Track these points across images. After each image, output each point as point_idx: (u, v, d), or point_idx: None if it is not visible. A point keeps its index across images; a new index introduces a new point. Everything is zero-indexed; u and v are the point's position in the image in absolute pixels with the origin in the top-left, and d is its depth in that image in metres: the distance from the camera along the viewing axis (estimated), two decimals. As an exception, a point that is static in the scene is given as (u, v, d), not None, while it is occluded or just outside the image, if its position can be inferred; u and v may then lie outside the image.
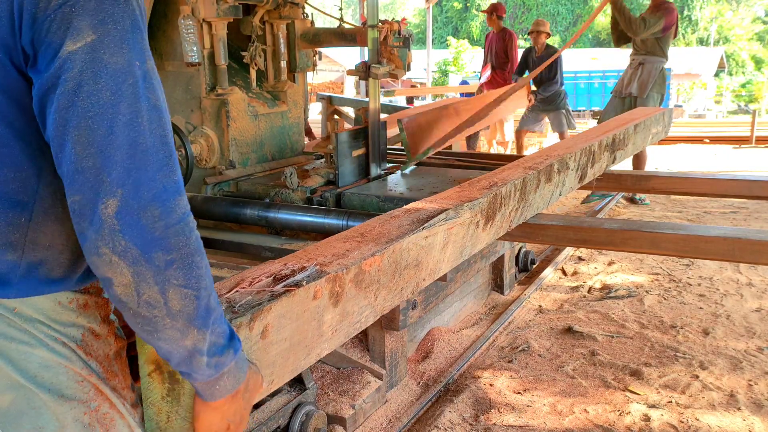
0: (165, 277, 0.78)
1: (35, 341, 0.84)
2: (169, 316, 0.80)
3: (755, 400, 2.42)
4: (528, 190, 2.22)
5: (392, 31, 2.95)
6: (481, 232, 1.91)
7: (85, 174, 0.75)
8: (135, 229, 0.76)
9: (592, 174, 2.89)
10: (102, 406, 0.88)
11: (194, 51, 2.82)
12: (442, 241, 1.66)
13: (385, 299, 1.42)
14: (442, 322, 3.10)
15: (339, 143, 2.84)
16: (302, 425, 2.10)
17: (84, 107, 0.74)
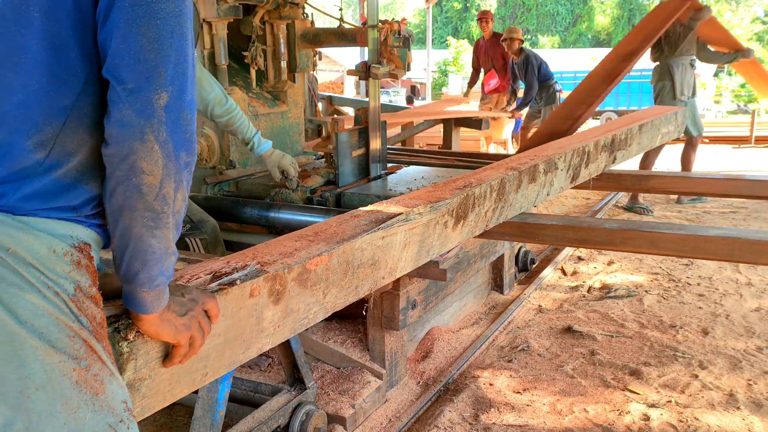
0: (181, 176, 0.89)
1: (27, 285, 0.82)
2: (172, 213, 0.89)
3: (754, 399, 2.43)
4: (507, 190, 2.22)
5: (392, 31, 2.96)
6: (451, 232, 1.91)
7: (146, 64, 0.84)
8: (175, 126, 0.87)
9: (587, 174, 2.89)
10: (93, 366, 0.85)
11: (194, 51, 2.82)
12: (403, 241, 1.67)
13: (337, 297, 1.44)
14: (441, 321, 3.10)
15: (339, 143, 2.84)
16: (302, 425, 2.10)
17: (154, 9, 0.84)
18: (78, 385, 0.82)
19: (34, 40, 0.83)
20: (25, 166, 0.85)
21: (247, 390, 2.27)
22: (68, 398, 0.81)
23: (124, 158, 0.85)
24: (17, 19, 0.83)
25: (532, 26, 35.54)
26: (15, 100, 0.84)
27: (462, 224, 1.98)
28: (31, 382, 0.79)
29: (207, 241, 2.42)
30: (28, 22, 0.83)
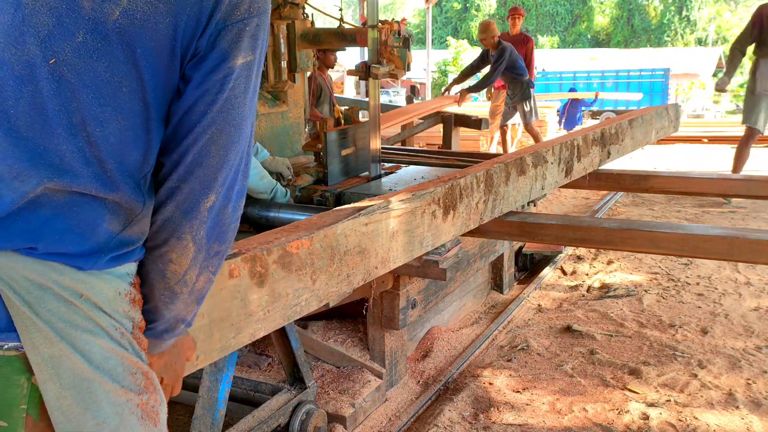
0: (208, 263, 0.90)
1: (98, 329, 0.84)
2: (190, 293, 0.90)
3: (753, 398, 2.43)
4: (496, 182, 2.22)
5: (392, 32, 2.96)
6: (442, 223, 1.92)
7: (206, 169, 0.84)
8: (214, 222, 0.88)
9: (582, 168, 2.90)
10: (151, 398, 0.89)
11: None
12: (389, 230, 1.67)
13: (328, 285, 1.43)
14: (441, 321, 3.11)
15: (328, 142, 2.85)
16: (302, 424, 2.11)
17: (232, 116, 0.84)
18: (143, 419, 0.87)
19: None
20: (101, 242, 0.84)
21: (247, 389, 2.28)
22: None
23: (158, 247, 0.87)
24: None
25: (532, 26, 35.56)
26: None
27: (453, 215, 1.98)
28: (106, 426, 0.83)
29: None
30: None
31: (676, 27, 34.57)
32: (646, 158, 8.61)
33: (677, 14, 34.68)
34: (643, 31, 35.38)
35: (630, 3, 35.77)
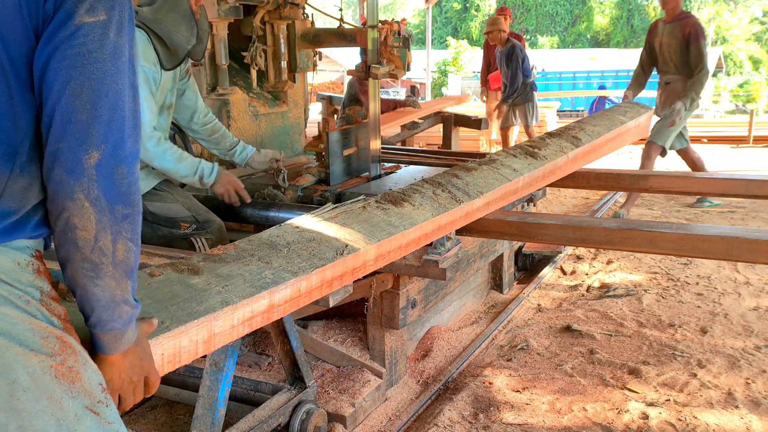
0: (119, 228, 0.93)
1: (1, 299, 0.89)
2: (112, 264, 0.93)
3: (753, 398, 2.44)
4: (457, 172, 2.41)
5: (392, 32, 2.97)
6: (395, 208, 2.02)
7: (76, 125, 0.88)
8: (108, 182, 0.91)
9: (547, 155, 2.93)
10: (68, 359, 0.92)
11: (195, 51, 2.83)
12: (338, 224, 1.83)
13: (291, 262, 1.56)
14: (441, 320, 3.11)
15: (330, 142, 2.86)
16: (302, 423, 2.11)
17: (89, 70, 0.89)
18: (58, 378, 0.90)
19: None
20: None
21: (247, 389, 2.28)
22: (51, 392, 0.89)
23: (59, 215, 0.90)
24: None
25: (531, 26, 35.56)
26: None
27: (410, 204, 2.08)
28: (18, 385, 0.86)
29: (213, 241, 2.44)
30: None
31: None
32: (645, 158, 8.61)
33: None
34: (643, 31, 35.25)
35: (629, 3, 35.77)
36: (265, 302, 1.42)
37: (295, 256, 1.59)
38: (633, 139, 4.07)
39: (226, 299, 1.35)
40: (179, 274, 1.39)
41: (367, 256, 1.76)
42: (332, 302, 1.86)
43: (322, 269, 1.58)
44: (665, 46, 4.77)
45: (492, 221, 2.43)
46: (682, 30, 4.54)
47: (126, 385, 1.03)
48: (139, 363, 1.04)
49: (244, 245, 1.62)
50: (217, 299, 1.34)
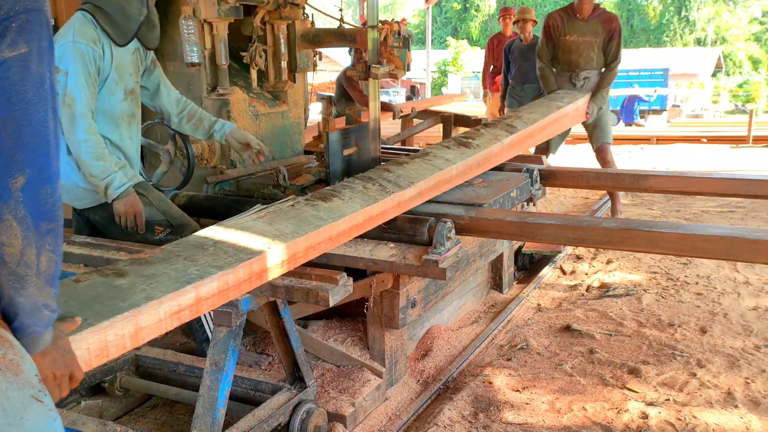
0: (43, 242, 1.00)
1: None
2: (36, 275, 1.00)
3: (752, 398, 2.44)
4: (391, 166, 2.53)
5: (392, 32, 2.97)
6: (325, 203, 2.10)
7: (2, 153, 0.95)
8: (33, 202, 0.98)
9: (480, 143, 2.98)
10: (7, 353, 0.98)
11: (194, 51, 2.84)
12: (266, 223, 1.91)
13: (219, 258, 1.63)
14: (441, 320, 3.11)
15: (330, 142, 2.86)
16: (303, 423, 2.11)
17: (13, 102, 0.95)
18: (1, 371, 0.96)
19: None
20: None
21: (247, 388, 2.28)
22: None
23: None
24: None
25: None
26: None
27: (339, 199, 2.14)
28: None
29: None
30: None
31: (675, 27, 34.59)
32: (645, 158, 8.62)
33: (676, 14, 34.71)
34: (642, 32, 35.39)
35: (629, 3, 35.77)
36: (191, 296, 1.48)
37: (221, 253, 1.65)
38: (573, 122, 4.13)
39: (151, 295, 1.41)
40: (104, 278, 1.46)
41: (297, 248, 1.82)
42: (332, 302, 1.87)
43: (248, 263, 1.63)
44: (584, 43, 4.66)
45: (492, 221, 2.43)
46: (605, 26, 4.50)
47: (50, 381, 1.08)
48: (61, 359, 1.09)
49: (170, 248, 1.69)
50: (141, 296, 1.40)
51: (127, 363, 2.48)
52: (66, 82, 2.22)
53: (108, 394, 2.43)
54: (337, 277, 1.90)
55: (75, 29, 2.25)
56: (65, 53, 2.23)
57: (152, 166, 3.10)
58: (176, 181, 2.89)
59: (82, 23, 2.27)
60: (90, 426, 2.00)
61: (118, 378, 2.43)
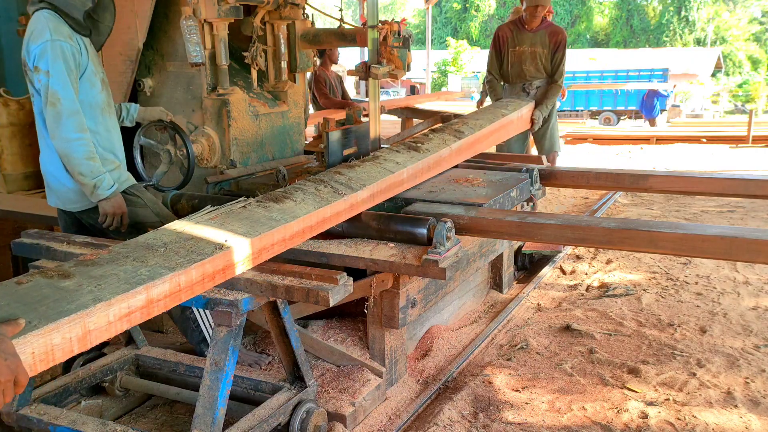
0: None
1: None
2: None
3: (752, 397, 2.44)
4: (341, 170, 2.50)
5: (392, 32, 2.97)
6: (277, 205, 2.07)
7: None
8: None
9: (430, 148, 2.97)
10: None
11: (198, 51, 2.84)
12: (218, 224, 1.88)
13: (169, 260, 1.61)
14: (441, 320, 3.12)
15: (329, 142, 2.86)
16: (303, 423, 2.12)
17: None
18: None
19: None
20: None
21: (247, 388, 2.28)
22: None
23: None
24: None
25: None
26: None
27: (292, 200, 2.12)
28: None
29: None
30: None
31: (675, 27, 34.60)
32: (644, 158, 8.63)
33: (676, 14, 34.72)
34: (642, 32, 35.40)
35: (629, 3, 35.79)
36: (142, 297, 1.45)
37: (172, 254, 1.63)
38: (518, 129, 4.22)
39: (99, 297, 1.38)
40: (49, 280, 1.43)
41: (251, 248, 1.80)
42: (332, 302, 1.87)
43: (201, 264, 1.62)
44: (533, 54, 4.81)
45: (491, 221, 2.44)
46: (551, 38, 4.64)
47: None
48: (4, 364, 1.06)
49: (118, 249, 1.66)
50: (88, 297, 1.37)
51: (128, 363, 2.48)
52: (48, 81, 2.22)
53: (108, 393, 2.44)
54: (337, 277, 1.90)
55: (50, 27, 2.24)
56: (45, 52, 2.22)
57: (152, 166, 3.11)
58: (176, 181, 2.90)
59: (56, 20, 2.27)
60: (90, 426, 2.00)
61: (118, 378, 2.43)
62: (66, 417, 2.07)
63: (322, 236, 2.50)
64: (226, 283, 1.96)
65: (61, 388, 2.28)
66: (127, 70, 3.08)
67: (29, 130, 3.35)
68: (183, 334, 2.69)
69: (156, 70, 3.23)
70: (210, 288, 1.70)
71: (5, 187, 3.18)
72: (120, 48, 3.05)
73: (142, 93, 3.25)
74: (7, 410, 2.13)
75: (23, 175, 3.21)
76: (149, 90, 3.23)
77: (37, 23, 2.27)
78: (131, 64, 3.08)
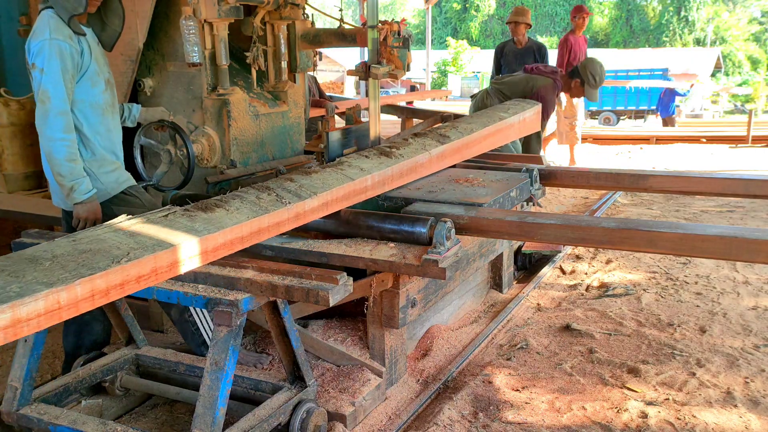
0: None
1: None
2: None
3: (752, 397, 2.45)
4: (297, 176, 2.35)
5: (392, 32, 2.97)
6: (204, 214, 1.91)
7: None
8: None
9: (404, 153, 2.83)
10: None
11: (195, 51, 2.84)
12: (126, 235, 1.74)
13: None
14: (441, 320, 3.12)
15: (329, 142, 2.86)
16: (303, 422, 2.12)
17: None
18: None
19: None
20: None
21: (247, 388, 2.29)
22: None
23: None
24: None
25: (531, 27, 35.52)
26: None
27: (224, 209, 1.98)
28: None
29: None
30: None
31: (675, 27, 34.61)
32: (644, 158, 8.63)
33: (676, 15, 34.74)
34: (642, 32, 35.42)
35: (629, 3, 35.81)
36: (5, 317, 1.31)
37: (57, 268, 1.49)
38: (520, 133, 4.05)
39: (33, 292, 1.30)
40: None
41: (158, 262, 1.63)
42: (332, 302, 1.87)
43: (90, 278, 1.48)
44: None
45: (491, 221, 2.44)
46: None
47: None
48: None
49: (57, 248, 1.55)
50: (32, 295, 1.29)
51: (128, 362, 2.49)
52: (41, 79, 2.25)
53: (108, 393, 2.44)
54: (337, 276, 1.91)
55: (51, 27, 2.27)
56: (42, 50, 2.25)
57: (152, 166, 3.11)
58: (176, 181, 2.90)
59: (57, 20, 2.29)
60: (90, 425, 2.01)
61: (118, 377, 2.43)
62: (66, 416, 2.07)
63: (323, 236, 2.51)
64: (227, 283, 1.97)
65: (61, 387, 2.28)
66: (128, 70, 3.09)
67: (30, 130, 3.35)
68: (183, 338, 2.69)
69: (156, 70, 3.23)
70: (103, 303, 1.55)
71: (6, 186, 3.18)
72: (121, 48, 3.05)
73: (143, 93, 3.25)
74: (7, 410, 2.14)
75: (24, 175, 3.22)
76: (149, 90, 3.24)
77: (40, 22, 2.31)
78: (132, 64, 3.08)
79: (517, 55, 5.94)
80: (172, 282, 2.01)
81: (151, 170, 3.01)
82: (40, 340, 2.19)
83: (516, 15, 6.05)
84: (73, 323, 2.58)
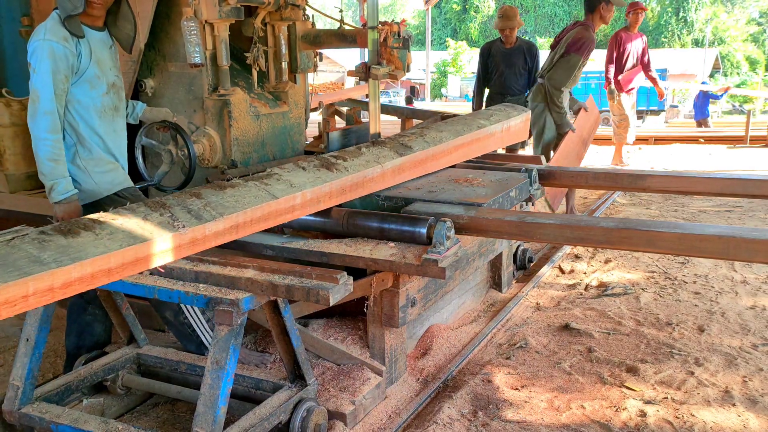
0: None
1: None
2: None
3: (750, 396, 2.46)
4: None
5: (392, 33, 2.99)
6: (63, 240, 1.60)
7: None
8: None
9: (350, 166, 2.54)
10: None
11: (197, 52, 2.86)
12: None
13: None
14: (441, 319, 3.13)
15: (330, 142, 2.87)
16: (303, 421, 2.13)
17: None
18: None
19: None
20: None
21: (248, 386, 2.30)
22: None
23: None
24: None
25: (530, 27, 35.61)
26: None
27: (93, 233, 1.78)
28: None
29: None
30: None
31: (673, 28, 34.64)
32: (643, 158, 8.64)
33: (674, 15, 34.77)
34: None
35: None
36: None
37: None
38: (504, 143, 3.71)
39: None
40: None
41: None
42: (332, 301, 1.88)
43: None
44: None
45: (491, 220, 2.45)
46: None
47: None
48: None
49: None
50: None
51: (129, 361, 2.50)
52: (33, 78, 2.29)
53: (110, 392, 2.45)
54: (337, 276, 1.92)
55: (47, 27, 2.31)
56: (36, 50, 2.29)
57: (154, 166, 3.12)
58: (178, 181, 2.91)
59: (54, 21, 2.33)
60: (92, 424, 2.02)
61: (119, 376, 2.44)
62: (68, 415, 2.08)
63: (323, 236, 2.52)
64: (228, 283, 1.98)
65: (62, 386, 2.30)
66: (129, 71, 3.10)
67: (31, 130, 3.35)
68: (179, 340, 2.69)
69: (158, 70, 3.24)
70: None
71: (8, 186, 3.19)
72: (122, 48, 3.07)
73: (144, 93, 3.26)
74: (9, 408, 2.15)
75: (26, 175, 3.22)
76: (151, 90, 3.25)
77: (42, 22, 2.34)
78: (133, 65, 3.10)
79: (505, 56, 5.59)
80: (173, 282, 2.03)
81: (152, 170, 3.03)
82: (41, 339, 2.20)
83: (506, 21, 5.55)
84: (75, 323, 2.59)
